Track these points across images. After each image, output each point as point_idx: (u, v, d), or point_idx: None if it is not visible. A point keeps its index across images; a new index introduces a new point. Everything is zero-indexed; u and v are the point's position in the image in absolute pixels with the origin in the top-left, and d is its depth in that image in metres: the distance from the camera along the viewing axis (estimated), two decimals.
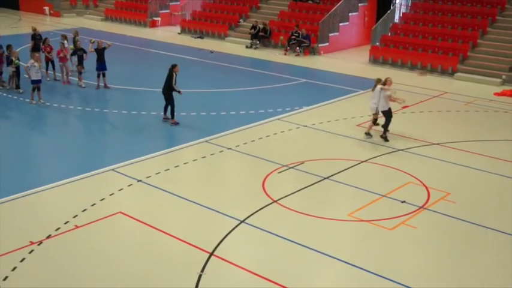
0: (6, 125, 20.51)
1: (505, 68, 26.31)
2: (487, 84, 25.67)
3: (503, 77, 25.79)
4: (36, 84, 21.62)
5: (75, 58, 24.58)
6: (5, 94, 23.17)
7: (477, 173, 16.15)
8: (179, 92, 19.38)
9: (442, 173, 16.18)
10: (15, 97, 22.74)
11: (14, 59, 22.66)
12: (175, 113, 19.62)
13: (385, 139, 18.23)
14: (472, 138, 18.75)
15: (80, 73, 24.13)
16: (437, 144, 18.20)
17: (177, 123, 19.60)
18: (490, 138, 18.90)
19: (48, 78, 24.85)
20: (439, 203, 14.19)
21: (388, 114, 18.30)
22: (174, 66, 19.47)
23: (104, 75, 23.66)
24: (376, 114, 18.55)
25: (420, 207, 13.97)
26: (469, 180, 15.80)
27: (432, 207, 14.02)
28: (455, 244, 12.55)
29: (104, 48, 23.51)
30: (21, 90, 23.01)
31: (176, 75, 19.41)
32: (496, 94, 24.15)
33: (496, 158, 17.06)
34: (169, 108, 19.73)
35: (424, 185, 15.19)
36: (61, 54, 24.23)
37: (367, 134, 18.59)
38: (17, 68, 22.98)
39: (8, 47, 23.50)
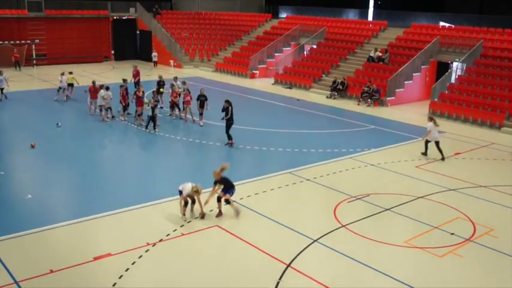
0: (136, 150, 21.31)
1: None
2: None
3: None
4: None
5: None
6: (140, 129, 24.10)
7: None
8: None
9: (487, 211, 15.41)
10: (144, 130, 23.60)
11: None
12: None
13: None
14: None
15: (200, 114, 24.42)
16: (484, 186, 17.41)
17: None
18: None
19: (174, 117, 25.70)
20: (483, 237, 13.50)
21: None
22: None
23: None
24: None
25: (467, 240, 13.35)
26: (511, 219, 14.95)
27: (477, 240, 13.35)
28: (496, 272, 11.88)
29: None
30: (156, 131, 23.10)
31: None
32: None
33: None
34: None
35: (470, 221, 14.51)
36: (187, 98, 24.88)
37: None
38: (152, 113, 23.01)
39: (153, 92, 23.97)
